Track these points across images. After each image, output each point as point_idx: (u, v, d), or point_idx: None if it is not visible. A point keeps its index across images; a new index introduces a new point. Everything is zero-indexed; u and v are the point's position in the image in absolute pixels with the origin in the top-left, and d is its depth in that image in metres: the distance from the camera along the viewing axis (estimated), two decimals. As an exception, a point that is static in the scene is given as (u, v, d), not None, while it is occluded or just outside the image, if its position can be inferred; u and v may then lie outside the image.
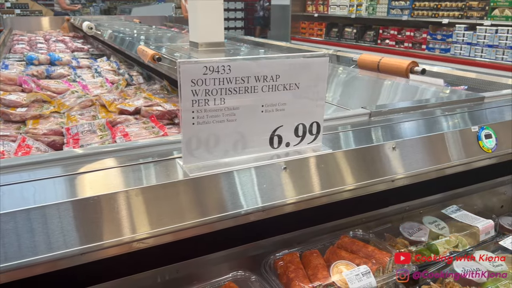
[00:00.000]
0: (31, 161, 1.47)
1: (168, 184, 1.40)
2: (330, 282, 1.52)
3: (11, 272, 1.20)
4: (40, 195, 1.30)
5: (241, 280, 1.58)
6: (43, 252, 1.22)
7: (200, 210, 1.42)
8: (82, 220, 1.27)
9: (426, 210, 2.11)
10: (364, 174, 1.69)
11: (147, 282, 1.56)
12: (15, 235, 1.20)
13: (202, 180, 1.45)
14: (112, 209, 1.31)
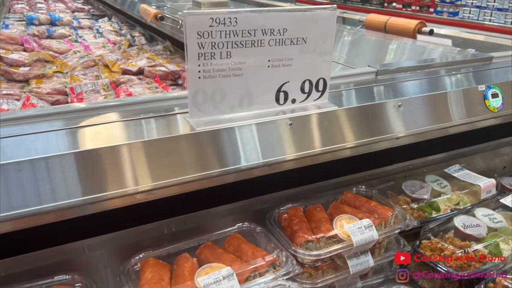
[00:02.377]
0: (37, 114, 1.48)
1: (175, 137, 1.42)
2: (333, 235, 1.56)
3: (25, 219, 1.23)
4: (49, 146, 1.31)
5: (247, 232, 1.62)
6: (54, 201, 1.24)
7: (205, 163, 1.44)
8: (93, 170, 1.29)
9: (429, 169, 2.13)
10: (369, 131, 1.70)
11: (155, 232, 1.61)
12: (32, 183, 1.22)
13: (208, 135, 1.45)
14: (122, 161, 1.33)
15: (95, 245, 1.53)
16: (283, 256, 1.48)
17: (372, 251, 1.63)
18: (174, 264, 1.46)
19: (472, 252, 1.63)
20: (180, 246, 1.52)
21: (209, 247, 1.52)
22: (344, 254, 1.57)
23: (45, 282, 1.34)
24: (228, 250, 1.53)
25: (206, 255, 1.49)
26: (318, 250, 1.51)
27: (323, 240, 1.54)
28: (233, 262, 1.41)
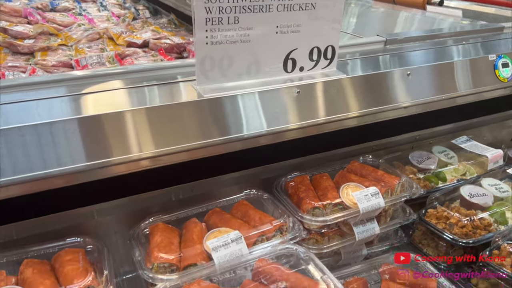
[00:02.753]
0: (42, 80, 1.48)
1: (182, 104, 1.41)
2: (339, 202, 1.57)
3: (34, 183, 1.24)
4: (53, 111, 1.31)
5: (254, 199, 1.63)
6: (59, 165, 1.25)
7: (212, 130, 1.44)
8: (104, 135, 1.29)
9: (436, 140, 2.12)
10: (377, 100, 1.69)
11: (163, 199, 1.62)
12: (37, 148, 1.23)
13: (216, 102, 1.45)
14: (132, 126, 1.33)
15: (104, 210, 1.55)
16: (290, 221, 1.49)
17: (378, 219, 1.64)
18: (183, 229, 1.48)
19: (477, 220, 1.64)
20: (188, 212, 1.54)
21: (217, 212, 1.54)
22: (350, 221, 1.59)
23: (57, 245, 1.36)
24: (236, 216, 1.55)
25: (215, 220, 1.50)
26: (324, 216, 1.52)
27: (329, 207, 1.56)
28: (241, 227, 1.43)
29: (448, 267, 1.67)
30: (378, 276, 1.60)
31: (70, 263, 1.26)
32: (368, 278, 1.60)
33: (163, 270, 1.30)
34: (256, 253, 1.33)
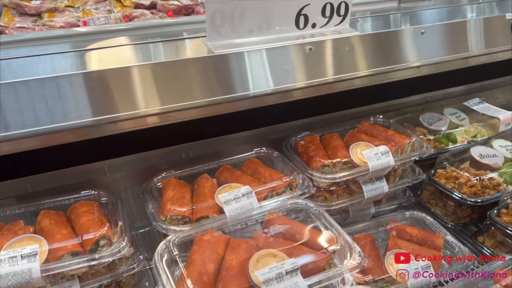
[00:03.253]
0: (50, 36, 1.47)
1: (192, 60, 1.40)
2: (349, 160, 1.57)
3: (43, 137, 1.25)
4: (59, 66, 1.31)
5: (264, 157, 1.65)
6: (76, 118, 1.26)
7: (223, 87, 1.43)
8: (114, 90, 1.29)
9: (448, 102, 2.10)
10: (389, 59, 1.66)
11: (174, 156, 1.64)
12: (44, 102, 1.23)
13: (226, 58, 1.43)
14: (140, 82, 1.33)
15: (115, 166, 1.57)
16: (299, 178, 1.51)
17: (387, 178, 1.65)
18: (195, 184, 1.50)
19: (487, 180, 1.64)
20: (200, 168, 1.56)
21: (228, 169, 1.56)
22: (360, 180, 1.60)
23: (73, 197, 1.40)
24: (246, 173, 1.56)
25: (225, 176, 1.52)
26: (333, 174, 1.54)
27: (339, 165, 1.57)
28: (251, 183, 1.45)
29: (455, 226, 1.70)
30: (385, 234, 1.63)
31: (85, 214, 1.29)
32: (376, 236, 1.63)
33: (176, 222, 1.33)
34: (266, 207, 1.35)
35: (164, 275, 1.12)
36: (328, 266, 1.17)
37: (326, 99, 1.67)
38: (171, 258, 1.18)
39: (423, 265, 1.40)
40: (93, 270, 1.23)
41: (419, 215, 1.67)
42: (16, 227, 1.25)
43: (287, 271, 1.10)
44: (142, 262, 1.32)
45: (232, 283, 1.10)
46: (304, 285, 1.10)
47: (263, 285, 1.08)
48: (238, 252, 1.19)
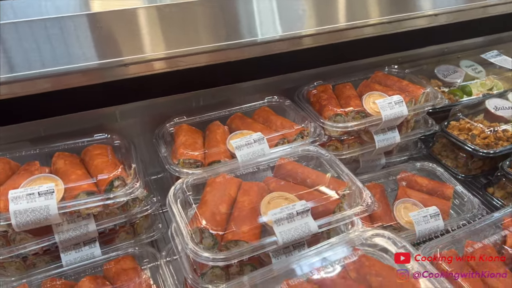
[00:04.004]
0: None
1: (200, 1, 1.36)
2: (361, 109, 1.56)
3: (53, 79, 1.25)
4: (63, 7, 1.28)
5: (276, 106, 1.64)
6: (84, 61, 1.24)
7: (231, 32, 1.39)
8: (122, 32, 1.27)
9: (465, 54, 2.05)
10: (406, 5, 1.60)
11: (185, 103, 1.63)
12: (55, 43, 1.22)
13: (234, 1, 1.39)
14: (150, 23, 1.30)
15: (126, 112, 1.57)
16: (311, 127, 1.50)
17: (399, 128, 1.64)
18: (206, 131, 1.51)
19: (500, 132, 1.62)
20: (212, 115, 1.56)
21: (239, 117, 1.56)
22: (371, 129, 1.59)
23: (86, 140, 1.41)
24: (257, 120, 1.56)
25: (237, 124, 1.52)
26: (345, 123, 1.53)
27: (351, 114, 1.55)
28: (263, 130, 1.45)
29: (466, 178, 1.70)
30: (395, 184, 1.64)
31: (99, 157, 1.31)
32: (386, 186, 1.64)
33: (189, 166, 1.35)
34: (278, 153, 1.36)
35: (178, 215, 1.14)
36: (338, 209, 1.19)
37: (339, 48, 1.63)
38: (185, 199, 1.20)
39: (432, 213, 1.41)
40: (108, 210, 1.26)
41: (430, 166, 1.67)
42: (32, 167, 1.28)
43: (298, 212, 1.12)
44: (155, 204, 1.35)
45: (244, 223, 1.12)
46: (314, 226, 1.12)
47: (275, 224, 1.10)
48: (250, 194, 1.20)
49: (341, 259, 1.07)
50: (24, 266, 1.29)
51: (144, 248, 1.35)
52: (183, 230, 1.10)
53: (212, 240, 1.09)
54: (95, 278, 1.23)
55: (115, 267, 1.26)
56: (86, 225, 1.25)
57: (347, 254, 1.08)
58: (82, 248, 1.29)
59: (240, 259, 1.07)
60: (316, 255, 1.08)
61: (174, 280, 1.26)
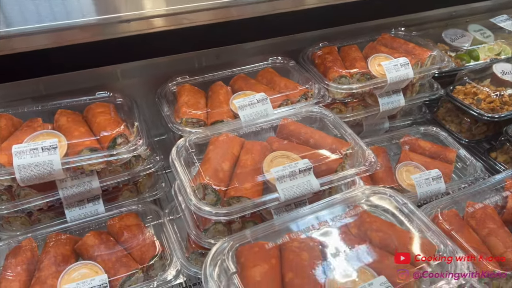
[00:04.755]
0: None
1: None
2: (367, 71, 1.53)
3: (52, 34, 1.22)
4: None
5: (280, 67, 1.61)
6: (82, 16, 1.22)
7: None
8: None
9: (473, 18, 1.99)
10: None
11: (188, 64, 1.61)
12: None
13: None
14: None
15: (128, 71, 1.55)
16: (315, 88, 1.48)
17: (404, 92, 1.62)
18: (209, 91, 1.49)
19: (506, 96, 1.61)
20: (214, 75, 1.54)
21: (242, 78, 1.54)
22: (376, 92, 1.57)
23: (88, 98, 1.40)
24: (261, 82, 1.54)
25: (240, 85, 1.51)
26: (350, 84, 1.51)
27: (356, 76, 1.53)
28: (266, 91, 1.43)
29: (469, 143, 1.69)
30: (398, 148, 1.64)
31: (102, 114, 1.31)
32: (389, 149, 1.64)
33: (191, 125, 1.34)
34: (281, 114, 1.35)
35: (181, 171, 1.15)
36: (341, 168, 1.19)
37: (344, 10, 1.59)
38: (188, 157, 1.21)
39: (434, 175, 1.42)
40: (111, 167, 1.27)
41: (434, 131, 1.67)
42: (34, 124, 1.28)
43: (300, 169, 1.12)
44: (158, 163, 1.36)
45: (246, 180, 1.12)
46: (316, 184, 1.12)
47: (277, 181, 1.10)
48: (252, 152, 1.21)
49: (342, 215, 1.08)
50: (29, 222, 1.31)
51: (148, 206, 1.37)
52: (186, 186, 1.11)
53: (215, 196, 1.10)
54: (99, 233, 1.25)
55: (119, 223, 1.27)
56: (90, 182, 1.26)
57: (348, 211, 1.09)
58: (86, 205, 1.31)
59: (242, 214, 1.08)
60: (318, 211, 1.09)
61: (177, 237, 1.28)
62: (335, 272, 0.93)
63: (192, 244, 1.23)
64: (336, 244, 1.00)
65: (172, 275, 1.17)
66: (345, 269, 0.93)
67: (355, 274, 0.92)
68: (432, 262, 0.94)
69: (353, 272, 0.93)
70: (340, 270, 0.93)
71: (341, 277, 0.92)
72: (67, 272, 1.14)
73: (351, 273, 0.92)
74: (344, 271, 0.93)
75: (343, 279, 0.91)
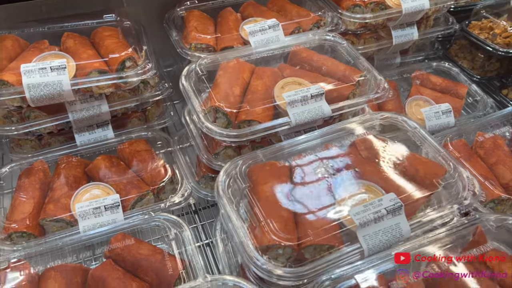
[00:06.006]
0: None
1: None
2: (381, 0, 1.47)
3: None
4: None
5: (291, -6, 1.55)
6: None
7: None
8: None
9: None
10: None
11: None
12: None
13: None
14: None
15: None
16: (328, 17, 1.44)
17: (418, 25, 1.57)
18: (218, 18, 1.45)
19: (524, 30, 1.56)
20: (224, 2, 1.49)
21: (252, 5, 1.48)
22: (390, 24, 1.52)
23: (95, 21, 1.36)
24: (272, 9, 1.49)
25: (250, 11, 1.46)
26: (364, 13, 1.46)
27: (370, 5, 1.47)
28: (277, 19, 1.38)
29: (481, 79, 1.66)
30: (409, 83, 1.61)
31: (109, 38, 1.27)
32: (399, 85, 1.62)
33: (201, 51, 1.31)
34: (293, 41, 1.31)
35: (192, 94, 1.14)
36: (352, 95, 1.18)
37: None
38: (198, 81, 1.19)
39: (443, 109, 1.41)
40: (120, 91, 1.25)
41: (445, 66, 1.64)
42: (41, 45, 1.25)
43: (312, 95, 1.11)
44: (167, 91, 1.34)
45: (257, 104, 1.12)
46: (328, 110, 1.12)
47: (288, 106, 1.10)
48: (263, 78, 1.19)
49: (352, 139, 1.08)
50: (39, 145, 1.32)
51: (157, 133, 1.37)
52: (197, 109, 1.11)
53: (225, 120, 1.10)
54: (110, 157, 1.26)
55: (129, 148, 1.28)
56: (99, 106, 1.25)
57: (358, 135, 1.09)
58: (96, 130, 1.31)
59: (252, 137, 1.08)
60: (328, 135, 1.09)
61: (187, 163, 1.30)
62: (344, 189, 0.95)
63: (203, 168, 1.25)
64: (346, 164, 1.01)
65: (183, 197, 1.19)
66: (355, 186, 0.95)
67: (364, 191, 0.94)
68: (441, 182, 0.95)
69: (362, 189, 0.95)
70: (350, 187, 0.95)
71: (349, 193, 0.93)
72: (79, 193, 1.17)
73: (360, 190, 0.94)
74: (353, 187, 0.95)
75: (352, 195, 0.93)
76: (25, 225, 1.08)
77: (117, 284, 0.97)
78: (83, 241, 1.07)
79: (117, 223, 1.10)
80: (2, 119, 1.23)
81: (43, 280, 0.98)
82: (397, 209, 0.88)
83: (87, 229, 1.08)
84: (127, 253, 1.03)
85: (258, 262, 0.83)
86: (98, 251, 1.09)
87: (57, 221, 1.11)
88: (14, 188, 1.21)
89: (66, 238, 1.06)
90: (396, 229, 0.88)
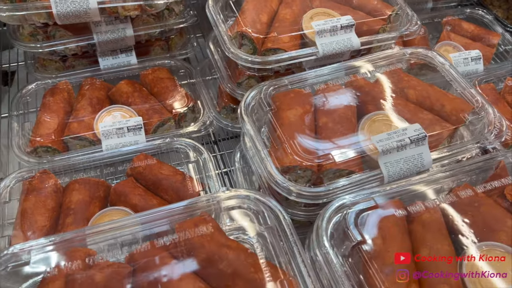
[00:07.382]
0: None
1: None
2: None
3: None
4: None
5: None
6: None
7: None
8: None
9: None
10: None
11: None
12: None
13: None
14: None
15: None
16: None
17: (455, -33, 1.50)
18: None
19: None
20: None
21: None
22: (426, -36, 1.45)
23: None
24: None
25: None
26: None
27: None
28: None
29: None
30: (439, 30, 1.55)
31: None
32: (428, 31, 1.55)
33: None
34: None
35: (219, 18, 1.12)
36: (382, 30, 1.14)
37: None
38: (226, 5, 1.17)
39: (473, 56, 1.37)
40: (145, 15, 1.24)
41: (479, 13, 1.57)
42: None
43: (342, 25, 1.08)
44: (191, 19, 1.32)
45: (284, 33, 1.09)
46: (356, 42, 1.09)
47: (317, 35, 1.07)
48: (292, 7, 1.16)
49: (381, 71, 1.06)
50: (63, 67, 1.32)
51: (180, 63, 1.36)
52: (223, 34, 1.09)
53: (251, 46, 1.08)
54: (133, 82, 1.26)
55: (152, 75, 1.28)
56: (124, 29, 1.24)
57: (386, 69, 1.07)
58: (119, 55, 1.31)
59: (277, 65, 1.07)
60: (356, 66, 1.07)
61: (209, 94, 1.30)
62: (370, 119, 0.94)
63: (224, 99, 1.25)
64: (372, 97, 1.00)
65: (203, 125, 1.20)
66: (380, 117, 0.94)
67: (389, 122, 0.94)
68: (467, 117, 0.94)
69: (388, 120, 0.94)
70: (375, 117, 0.94)
71: (375, 122, 0.93)
72: (103, 114, 1.18)
73: (386, 120, 0.93)
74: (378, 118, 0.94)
75: (377, 125, 0.93)
76: (50, 139, 1.11)
77: (138, 200, 1.00)
78: (106, 159, 1.10)
79: (139, 145, 1.12)
80: (28, 37, 1.23)
81: (67, 192, 1.02)
82: (421, 139, 0.88)
83: (110, 148, 1.10)
84: (148, 172, 1.05)
85: (279, 179, 0.84)
86: (120, 170, 1.12)
87: (80, 139, 1.13)
88: (38, 107, 1.23)
89: (89, 155, 1.09)
90: (418, 158, 0.88)
